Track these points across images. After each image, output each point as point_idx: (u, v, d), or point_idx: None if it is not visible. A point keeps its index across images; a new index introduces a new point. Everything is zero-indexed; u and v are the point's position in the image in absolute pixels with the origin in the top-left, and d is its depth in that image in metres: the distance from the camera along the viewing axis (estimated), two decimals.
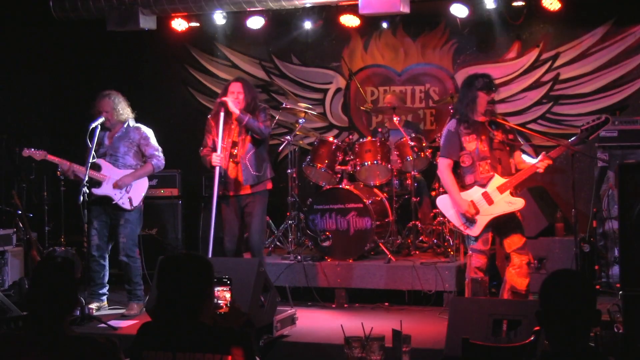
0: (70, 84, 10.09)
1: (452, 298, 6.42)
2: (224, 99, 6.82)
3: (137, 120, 7.39)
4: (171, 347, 3.25)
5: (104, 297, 7.38)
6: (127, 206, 7.12)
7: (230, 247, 6.86)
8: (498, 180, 6.08)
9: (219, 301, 5.11)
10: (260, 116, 6.86)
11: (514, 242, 6.15)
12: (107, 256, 7.32)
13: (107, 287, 7.40)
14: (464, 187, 6.21)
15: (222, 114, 6.79)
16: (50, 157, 7.18)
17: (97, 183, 7.11)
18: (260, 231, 7.02)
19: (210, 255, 6.59)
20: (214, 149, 6.91)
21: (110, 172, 7.13)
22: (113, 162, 7.15)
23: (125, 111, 7.26)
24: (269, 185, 7.03)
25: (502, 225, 6.19)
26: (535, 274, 7.38)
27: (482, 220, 6.12)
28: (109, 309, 7.34)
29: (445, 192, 6.40)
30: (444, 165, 6.25)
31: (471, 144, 6.13)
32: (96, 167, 7.13)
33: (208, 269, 3.40)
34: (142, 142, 7.22)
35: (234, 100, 6.80)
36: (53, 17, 8.61)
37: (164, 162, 7.35)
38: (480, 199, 6.10)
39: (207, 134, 7.03)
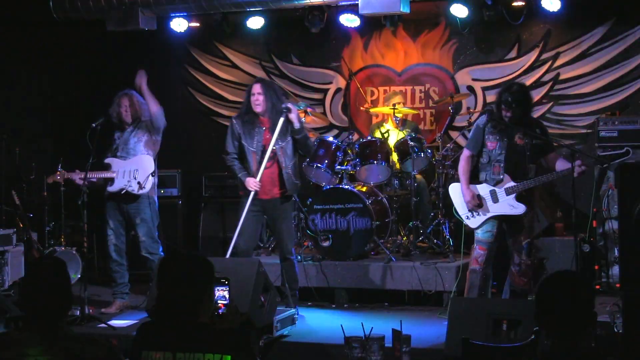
0: (70, 84, 10.09)
1: (452, 298, 6.42)
2: (290, 105, 6.73)
3: None
4: (171, 347, 3.25)
5: (126, 296, 7.39)
6: (136, 191, 7.13)
7: (244, 248, 6.76)
8: (508, 182, 6.18)
9: (218, 302, 5.12)
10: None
11: (516, 241, 6.25)
12: (125, 255, 7.35)
13: (129, 287, 7.42)
14: (478, 181, 6.33)
15: (282, 120, 6.66)
16: (68, 175, 7.23)
17: (111, 180, 7.19)
18: (292, 235, 7.14)
19: (228, 256, 6.61)
20: (240, 155, 6.81)
21: (119, 167, 7.20)
22: (125, 155, 7.22)
23: (141, 109, 7.31)
24: None
25: (511, 223, 6.29)
26: (535, 274, 7.40)
27: (482, 215, 6.25)
28: (132, 307, 7.36)
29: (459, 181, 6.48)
30: (464, 156, 6.40)
31: (492, 143, 6.24)
32: (107, 167, 7.22)
33: (208, 269, 3.40)
34: (152, 117, 7.22)
35: (295, 112, 6.71)
36: (53, 17, 8.61)
37: (164, 116, 7.33)
38: (487, 195, 6.24)
39: (231, 138, 6.85)
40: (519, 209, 6.17)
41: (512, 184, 6.15)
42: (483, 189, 6.26)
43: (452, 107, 8.52)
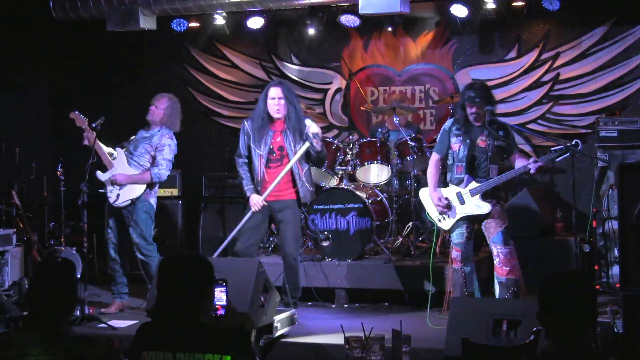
0: (70, 84, 10.09)
1: (452, 298, 6.42)
2: (314, 132, 6.51)
3: (143, 122, 7.40)
4: (171, 348, 3.25)
5: (126, 296, 7.40)
6: (111, 200, 7.15)
7: (243, 250, 6.66)
8: (471, 183, 6.33)
9: (215, 303, 5.12)
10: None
11: (490, 233, 6.38)
12: (124, 254, 7.37)
13: (128, 286, 7.42)
14: (445, 183, 6.53)
15: (305, 145, 6.49)
16: (88, 130, 7.13)
17: (105, 168, 7.22)
18: (297, 239, 6.84)
19: (215, 255, 6.59)
20: (248, 158, 6.66)
21: (118, 164, 7.21)
22: (129, 157, 7.23)
23: (169, 118, 7.25)
24: None
25: (482, 220, 6.41)
26: (535, 274, 7.39)
27: (452, 218, 6.43)
28: (131, 308, 7.38)
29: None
30: (432, 159, 6.58)
31: (456, 145, 6.38)
32: (112, 155, 7.25)
33: (208, 269, 3.40)
34: (158, 148, 7.20)
35: (319, 139, 6.53)
36: (53, 17, 8.61)
37: (165, 175, 7.24)
38: (454, 197, 6.40)
39: (243, 140, 6.68)
40: (485, 208, 6.31)
41: (475, 184, 6.31)
42: (450, 192, 6.42)
43: (452, 107, 8.51)
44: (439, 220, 6.51)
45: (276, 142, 6.64)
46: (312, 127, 6.58)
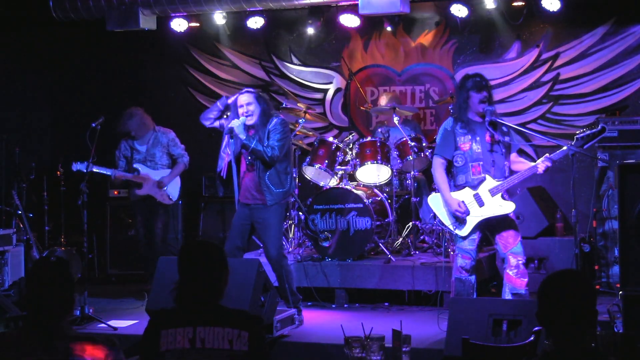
0: (70, 84, 10.09)
1: (452, 298, 6.40)
2: (231, 125, 6.50)
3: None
4: (192, 324, 3.36)
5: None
6: (167, 202, 7.96)
7: (230, 252, 6.54)
8: (490, 182, 6.01)
9: None
10: (272, 135, 6.49)
11: (508, 242, 6.06)
12: (154, 246, 7.92)
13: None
14: (456, 186, 6.13)
15: (230, 140, 6.51)
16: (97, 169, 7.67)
17: (137, 185, 7.82)
18: (277, 243, 6.66)
19: None
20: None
21: (148, 174, 7.84)
22: (153, 166, 7.92)
23: (148, 122, 7.92)
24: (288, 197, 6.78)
25: (496, 226, 6.11)
26: (535, 274, 7.39)
27: (471, 221, 6.04)
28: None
29: (437, 191, 6.33)
30: (437, 164, 6.17)
31: (466, 144, 6.06)
32: (135, 171, 7.82)
33: (223, 254, 3.57)
34: (171, 143, 8.01)
35: (239, 125, 6.48)
36: (53, 17, 8.61)
37: (188, 157, 8.11)
38: (472, 200, 6.03)
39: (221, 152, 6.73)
40: (508, 207, 6.00)
41: (495, 183, 5.98)
42: (466, 195, 6.04)
43: (452, 107, 8.50)
44: (455, 227, 6.09)
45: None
46: (231, 123, 6.57)
